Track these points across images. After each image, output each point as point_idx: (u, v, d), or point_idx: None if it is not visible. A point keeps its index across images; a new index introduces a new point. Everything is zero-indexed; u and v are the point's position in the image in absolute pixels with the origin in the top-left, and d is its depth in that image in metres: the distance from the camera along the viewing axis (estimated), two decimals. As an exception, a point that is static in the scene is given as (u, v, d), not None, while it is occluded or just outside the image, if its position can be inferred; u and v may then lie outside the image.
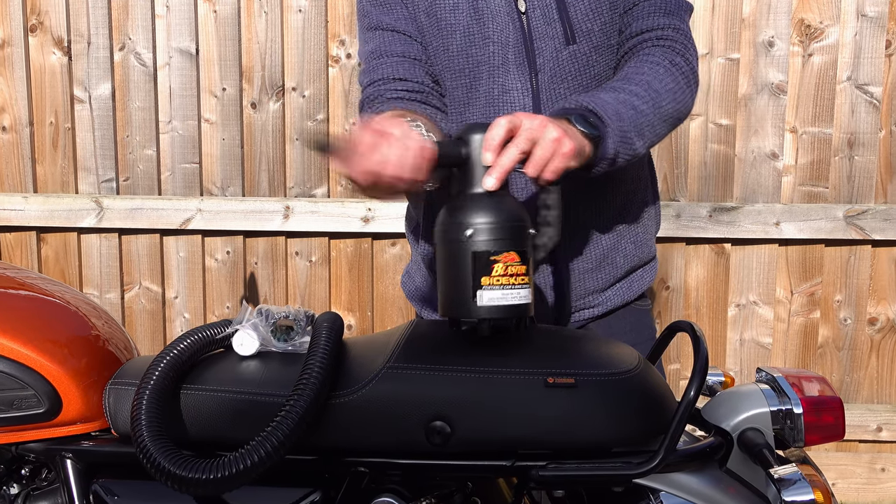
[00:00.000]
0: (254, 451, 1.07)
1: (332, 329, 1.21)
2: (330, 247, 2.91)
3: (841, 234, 2.77)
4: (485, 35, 1.45)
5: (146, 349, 2.95)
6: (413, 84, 1.45)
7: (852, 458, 2.91)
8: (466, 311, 1.15)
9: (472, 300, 1.14)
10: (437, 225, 1.19)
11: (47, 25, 2.86)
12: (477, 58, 1.46)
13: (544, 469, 1.15)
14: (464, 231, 1.14)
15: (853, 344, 2.87)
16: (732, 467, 1.20)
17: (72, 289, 1.47)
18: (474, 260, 1.14)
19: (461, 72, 1.47)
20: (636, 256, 1.60)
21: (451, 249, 1.16)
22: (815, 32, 2.74)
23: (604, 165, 1.30)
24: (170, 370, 1.17)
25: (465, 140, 1.18)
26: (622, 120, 1.30)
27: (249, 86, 2.86)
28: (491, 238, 1.14)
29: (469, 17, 1.45)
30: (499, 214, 1.15)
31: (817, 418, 1.19)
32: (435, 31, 1.47)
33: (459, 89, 1.48)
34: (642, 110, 1.34)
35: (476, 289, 1.14)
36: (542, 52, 1.45)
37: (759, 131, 2.79)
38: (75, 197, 2.89)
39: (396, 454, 1.18)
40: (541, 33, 1.45)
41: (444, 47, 1.46)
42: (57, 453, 1.24)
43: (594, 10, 1.45)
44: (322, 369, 1.14)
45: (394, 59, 1.47)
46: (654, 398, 1.19)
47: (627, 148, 1.32)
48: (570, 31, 1.44)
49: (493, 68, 1.45)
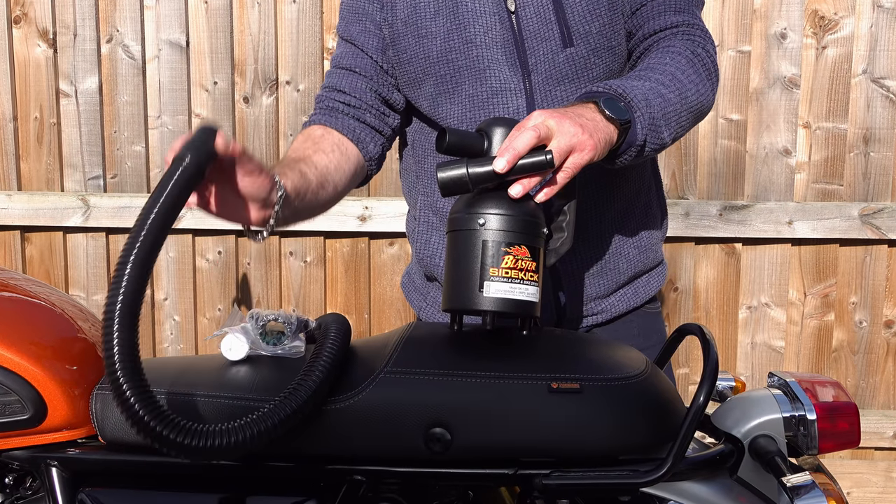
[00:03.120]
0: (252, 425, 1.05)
1: (341, 327, 1.23)
2: (325, 246, 2.91)
3: (856, 233, 2.77)
4: (466, 39, 1.46)
5: (134, 353, 2.94)
6: (351, 98, 1.52)
7: (868, 466, 2.91)
8: (471, 302, 1.16)
9: (478, 291, 1.15)
10: (451, 213, 1.21)
11: (32, 17, 2.87)
12: (457, 63, 1.47)
13: (548, 477, 1.15)
14: (476, 219, 1.16)
15: (869, 347, 2.87)
16: (743, 476, 1.20)
17: (57, 290, 1.47)
18: (484, 249, 1.15)
19: (442, 78, 1.48)
20: (640, 262, 1.60)
21: (461, 237, 1.17)
22: (829, 24, 2.74)
23: (631, 154, 1.29)
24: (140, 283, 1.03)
25: (487, 133, 1.20)
26: (651, 106, 1.30)
27: (242, 79, 2.86)
28: (503, 229, 1.16)
29: (449, 22, 1.46)
30: (513, 206, 1.17)
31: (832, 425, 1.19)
32: (414, 39, 1.49)
33: (441, 95, 1.50)
34: (669, 99, 1.34)
35: (483, 279, 1.15)
36: (535, 51, 1.45)
37: (771, 127, 2.79)
38: (61, 195, 2.89)
39: (394, 462, 1.18)
40: (533, 33, 1.45)
41: (425, 54, 1.48)
42: (42, 461, 1.24)
43: (592, 11, 1.45)
44: (334, 354, 1.15)
45: (342, 70, 1.54)
46: (662, 404, 1.19)
47: (655, 137, 1.31)
48: (568, 34, 1.44)
49: (478, 72, 1.46)
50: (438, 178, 1.16)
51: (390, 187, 2.84)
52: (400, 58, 1.51)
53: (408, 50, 1.50)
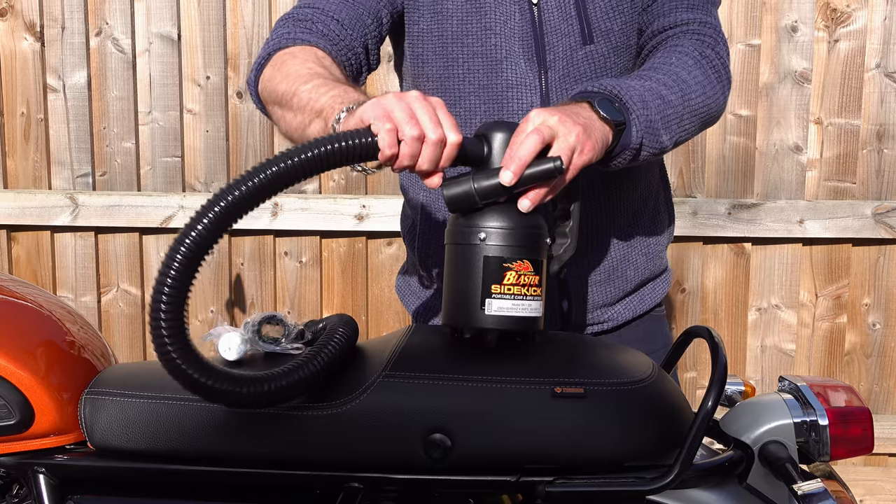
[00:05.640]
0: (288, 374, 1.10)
1: (350, 320, 1.26)
2: (321, 246, 2.91)
3: (869, 232, 2.77)
4: (484, 25, 1.44)
5: (124, 356, 2.95)
6: (343, 32, 1.40)
7: (882, 473, 2.91)
8: (473, 319, 1.15)
9: (479, 308, 1.14)
10: (449, 225, 1.19)
11: (18, 9, 2.86)
12: (473, 48, 1.45)
13: (551, 485, 1.15)
14: (477, 234, 1.14)
15: (882, 350, 2.87)
16: (753, 483, 1.20)
17: (45, 291, 1.47)
18: (486, 265, 1.14)
19: (454, 60, 1.46)
20: (647, 269, 1.60)
21: (461, 252, 1.16)
22: (841, 17, 2.74)
23: (626, 157, 1.28)
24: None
25: (486, 138, 1.17)
26: (648, 108, 1.28)
27: (235, 74, 2.86)
28: (505, 244, 1.14)
29: (469, 4, 1.45)
30: (515, 218, 1.15)
31: (844, 430, 1.19)
32: (430, 14, 1.46)
33: (451, 79, 1.47)
34: (670, 101, 1.32)
35: (485, 297, 1.14)
36: (554, 47, 1.45)
37: (782, 123, 2.79)
38: (48, 193, 2.89)
39: (393, 469, 1.18)
40: (553, 27, 1.44)
41: (439, 32, 1.46)
42: (29, 468, 1.24)
43: (614, 8, 1.44)
44: (352, 326, 1.21)
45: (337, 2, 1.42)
46: (669, 409, 1.19)
47: (653, 140, 1.30)
48: (588, 30, 1.43)
49: (495, 62, 1.45)
50: (445, 195, 1.14)
51: (388, 186, 2.84)
52: (412, 31, 1.48)
53: (421, 23, 1.46)
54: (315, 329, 1.27)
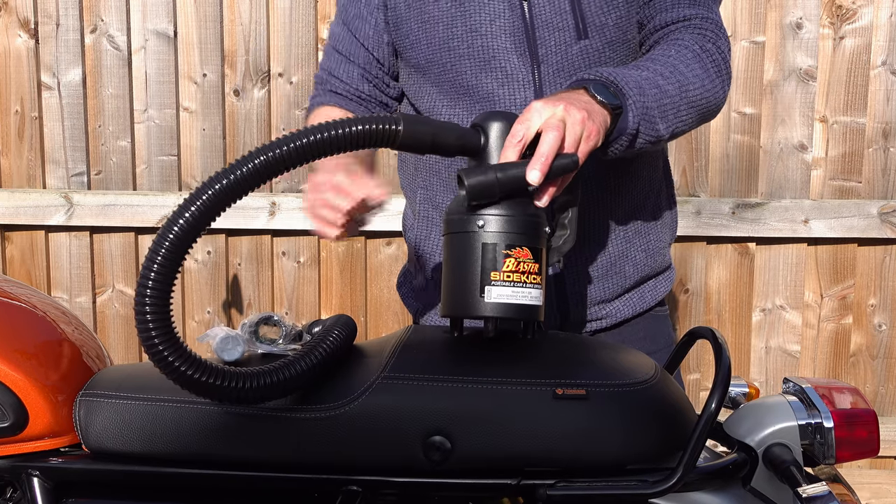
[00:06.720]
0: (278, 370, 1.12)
1: (346, 325, 1.27)
2: (320, 246, 2.91)
3: (875, 232, 2.77)
4: (470, 27, 1.45)
5: (119, 357, 2.95)
6: (345, 86, 1.58)
7: (887, 476, 2.91)
8: (472, 308, 1.15)
9: (478, 296, 1.14)
10: (447, 214, 1.20)
11: (12, 6, 2.87)
12: (458, 51, 1.46)
13: (553, 488, 1.15)
14: (475, 221, 1.15)
15: (888, 352, 2.87)
16: (757, 486, 1.20)
17: (39, 292, 1.47)
18: (484, 252, 1.14)
19: (443, 66, 1.48)
20: (647, 266, 1.60)
21: (459, 241, 1.16)
22: (847, 13, 2.74)
23: (623, 143, 1.29)
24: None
25: (483, 128, 1.18)
26: (644, 95, 1.29)
27: (232, 71, 2.86)
28: (504, 230, 1.14)
29: (454, 7, 1.46)
30: (514, 206, 1.15)
31: (849, 433, 1.19)
32: (417, 24, 1.49)
33: (444, 84, 1.50)
34: (667, 90, 1.33)
35: (484, 284, 1.14)
36: (546, 42, 1.45)
37: (787, 121, 2.79)
38: (43, 192, 2.90)
39: (392, 471, 1.18)
40: (545, 22, 1.45)
41: (427, 40, 1.48)
42: (23, 470, 1.24)
43: (609, 2, 1.45)
44: (349, 324, 1.24)
45: (338, 55, 1.59)
46: (672, 411, 1.19)
47: (649, 127, 1.30)
48: (583, 25, 1.44)
49: (482, 62, 1.46)
50: (468, 184, 1.13)
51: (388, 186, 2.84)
52: (403, 43, 1.51)
53: (410, 35, 1.49)
54: (315, 330, 1.27)
